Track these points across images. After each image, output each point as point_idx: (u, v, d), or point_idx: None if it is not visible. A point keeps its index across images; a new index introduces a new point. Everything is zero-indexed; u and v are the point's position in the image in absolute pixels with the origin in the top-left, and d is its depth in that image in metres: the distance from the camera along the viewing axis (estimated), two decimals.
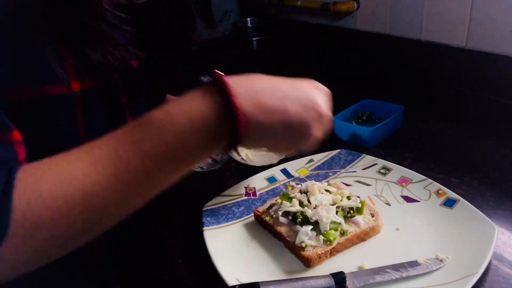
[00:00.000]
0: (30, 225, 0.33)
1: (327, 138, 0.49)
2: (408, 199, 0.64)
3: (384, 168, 0.72)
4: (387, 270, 0.51)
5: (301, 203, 0.59)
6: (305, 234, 0.55)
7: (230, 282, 0.50)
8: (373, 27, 1.12)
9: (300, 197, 0.60)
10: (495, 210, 0.61)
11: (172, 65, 0.68)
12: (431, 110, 0.96)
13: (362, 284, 0.49)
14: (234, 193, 0.69)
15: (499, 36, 0.81)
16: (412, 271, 0.50)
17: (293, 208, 0.59)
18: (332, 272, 0.50)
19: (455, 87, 0.93)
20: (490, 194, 0.65)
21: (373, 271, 0.51)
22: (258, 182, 0.72)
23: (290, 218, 0.58)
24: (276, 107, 0.42)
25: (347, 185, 0.70)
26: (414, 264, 0.51)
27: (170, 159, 0.39)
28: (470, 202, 0.59)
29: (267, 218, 0.60)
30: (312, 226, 0.56)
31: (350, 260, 0.55)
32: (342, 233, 0.56)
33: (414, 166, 0.73)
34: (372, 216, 0.59)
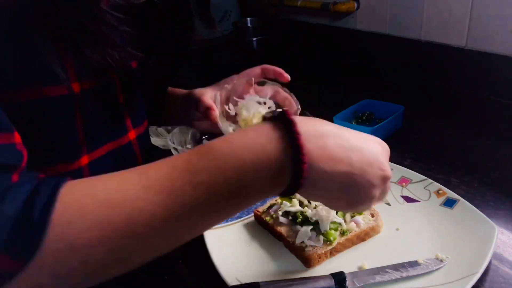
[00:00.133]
0: (65, 245, 0.30)
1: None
2: (408, 199, 0.64)
3: None
4: (387, 270, 0.51)
5: (301, 203, 0.60)
6: (305, 234, 0.55)
7: (230, 282, 0.50)
8: (373, 27, 1.12)
9: (300, 197, 0.60)
10: (495, 210, 0.61)
11: (171, 65, 0.68)
12: (431, 110, 0.96)
13: (362, 284, 0.49)
14: None
15: (499, 36, 0.81)
16: (412, 271, 0.50)
17: (293, 208, 0.59)
18: (332, 272, 0.50)
19: (455, 87, 0.93)
20: (490, 194, 0.65)
21: (373, 271, 0.51)
22: None
23: (290, 218, 0.59)
24: (341, 157, 0.37)
25: None
26: (414, 264, 0.51)
27: (226, 194, 0.35)
28: (470, 202, 0.59)
29: (267, 218, 0.60)
30: (312, 226, 0.56)
31: (350, 260, 0.55)
32: (342, 233, 0.56)
33: (414, 166, 0.73)
34: (372, 216, 0.59)
